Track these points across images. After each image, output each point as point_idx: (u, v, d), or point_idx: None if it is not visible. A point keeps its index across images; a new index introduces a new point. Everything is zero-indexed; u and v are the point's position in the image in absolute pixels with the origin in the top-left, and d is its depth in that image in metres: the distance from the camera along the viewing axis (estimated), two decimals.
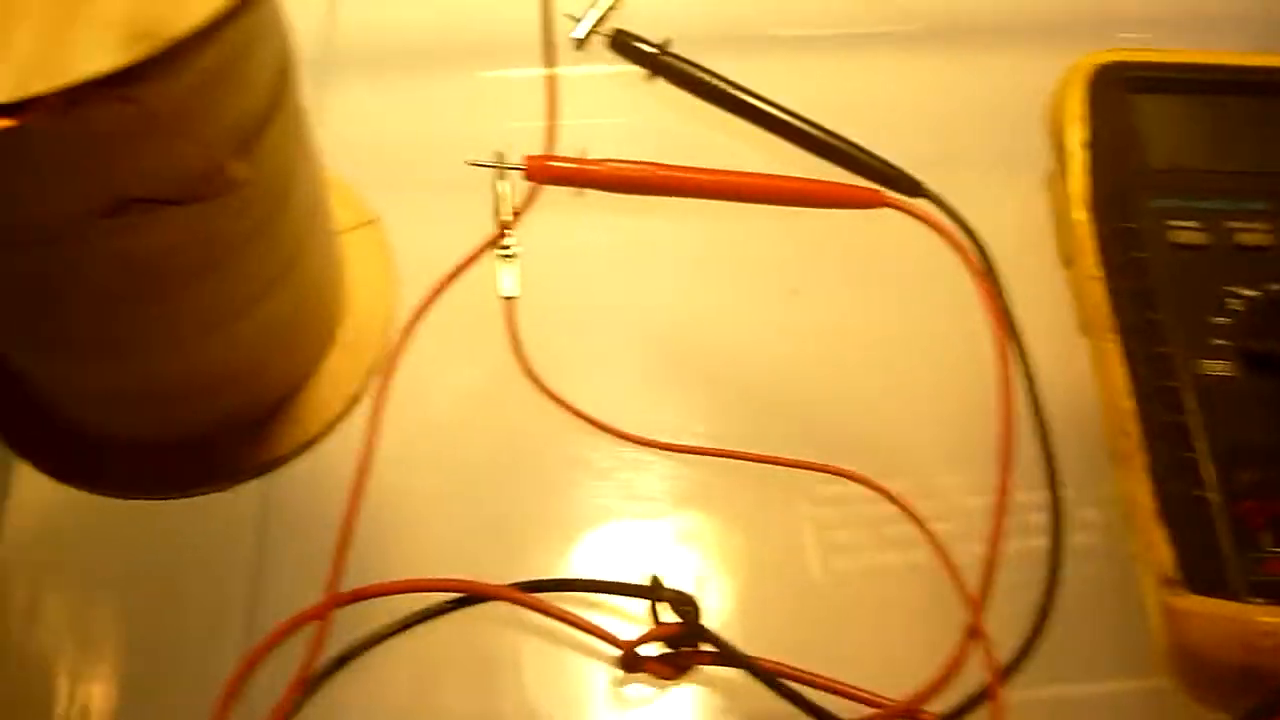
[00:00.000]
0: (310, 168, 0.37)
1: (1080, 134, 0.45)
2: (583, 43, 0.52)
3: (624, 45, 0.52)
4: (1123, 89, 0.46)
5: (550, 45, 0.47)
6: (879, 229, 0.49)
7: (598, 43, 0.52)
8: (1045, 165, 0.50)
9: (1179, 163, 0.45)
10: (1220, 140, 0.45)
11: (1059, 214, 0.47)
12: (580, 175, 0.48)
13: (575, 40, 0.52)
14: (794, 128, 0.51)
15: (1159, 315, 0.41)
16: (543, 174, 0.48)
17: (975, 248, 0.48)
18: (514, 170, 0.48)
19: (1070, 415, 0.44)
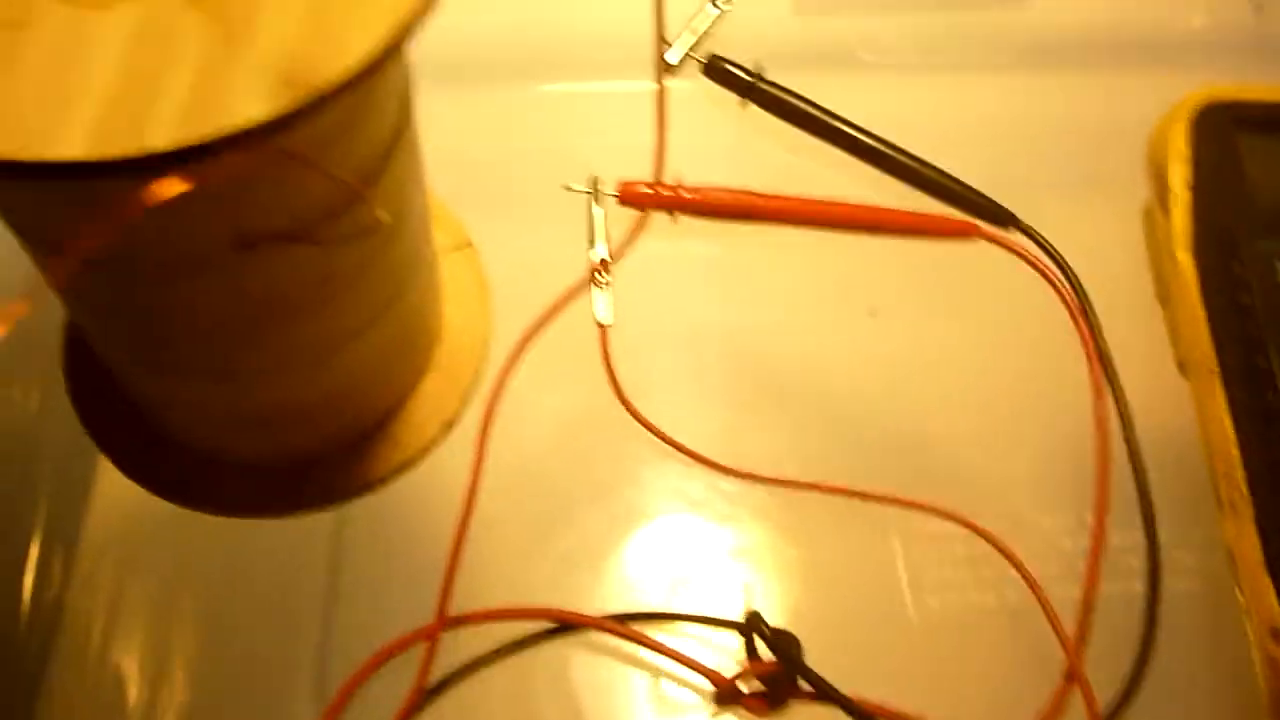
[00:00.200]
0: (421, 195, 0.38)
1: (1184, 174, 0.44)
2: (676, 67, 0.52)
3: (718, 71, 0.51)
4: (1229, 128, 0.45)
5: (654, 68, 0.46)
6: (971, 259, 0.49)
7: (691, 67, 0.52)
8: (1142, 197, 0.49)
9: None
10: None
11: (1157, 250, 0.47)
12: (675, 201, 0.48)
13: (669, 64, 0.51)
14: (886, 155, 0.50)
15: (1266, 361, 0.40)
16: (637, 200, 0.48)
17: (1069, 282, 0.48)
18: (609, 196, 0.48)
19: (1168, 456, 0.44)
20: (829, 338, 0.48)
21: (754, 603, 0.40)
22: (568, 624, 0.40)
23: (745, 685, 0.39)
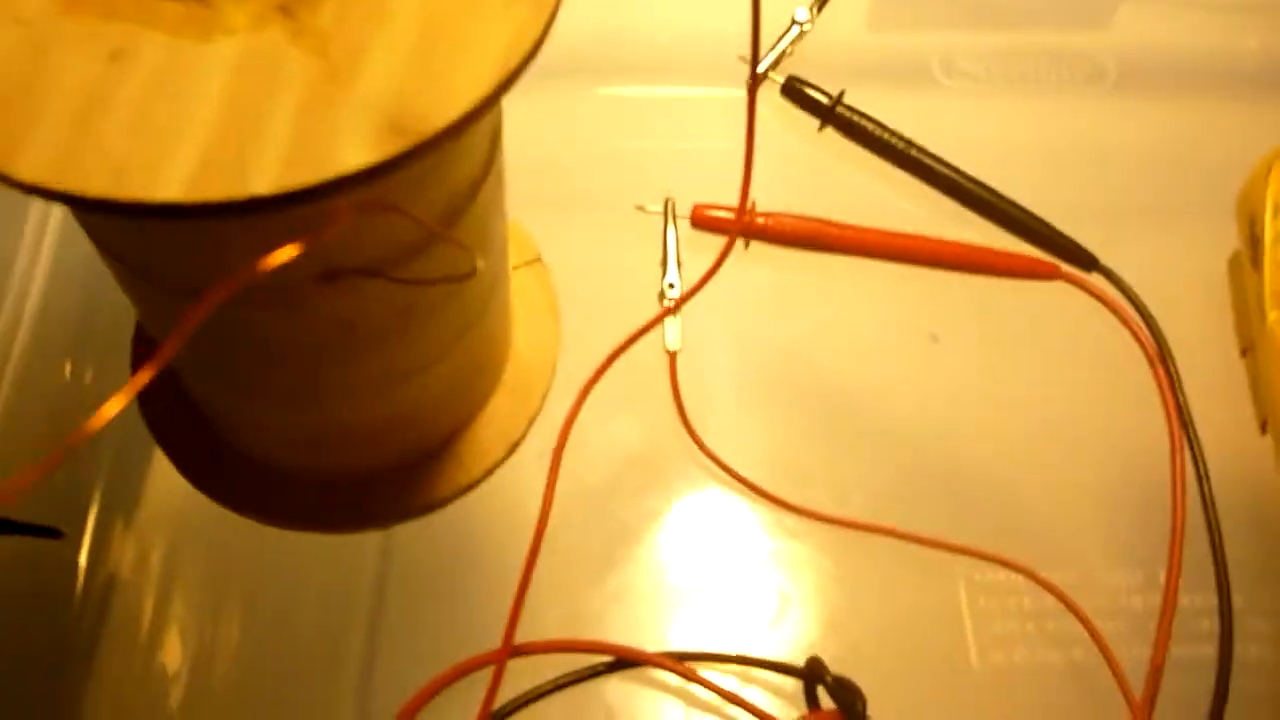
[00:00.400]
0: (502, 223, 0.37)
1: (1278, 228, 0.43)
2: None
3: (797, 93, 0.50)
4: None
5: (746, 92, 0.45)
6: (1049, 300, 0.48)
7: (769, 85, 0.51)
8: (1230, 242, 0.48)
9: None
10: None
11: (1243, 303, 0.46)
12: (749, 228, 0.47)
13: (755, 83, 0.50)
14: (965, 188, 0.49)
15: None
16: (710, 224, 0.47)
17: (1149, 330, 0.46)
18: (682, 218, 0.47)
19: (1245, 517, 0.43)
20: (897, 372, 0.47)
21: (813, 644, 0.40)
22: (627, 660, 0.39)
23: None
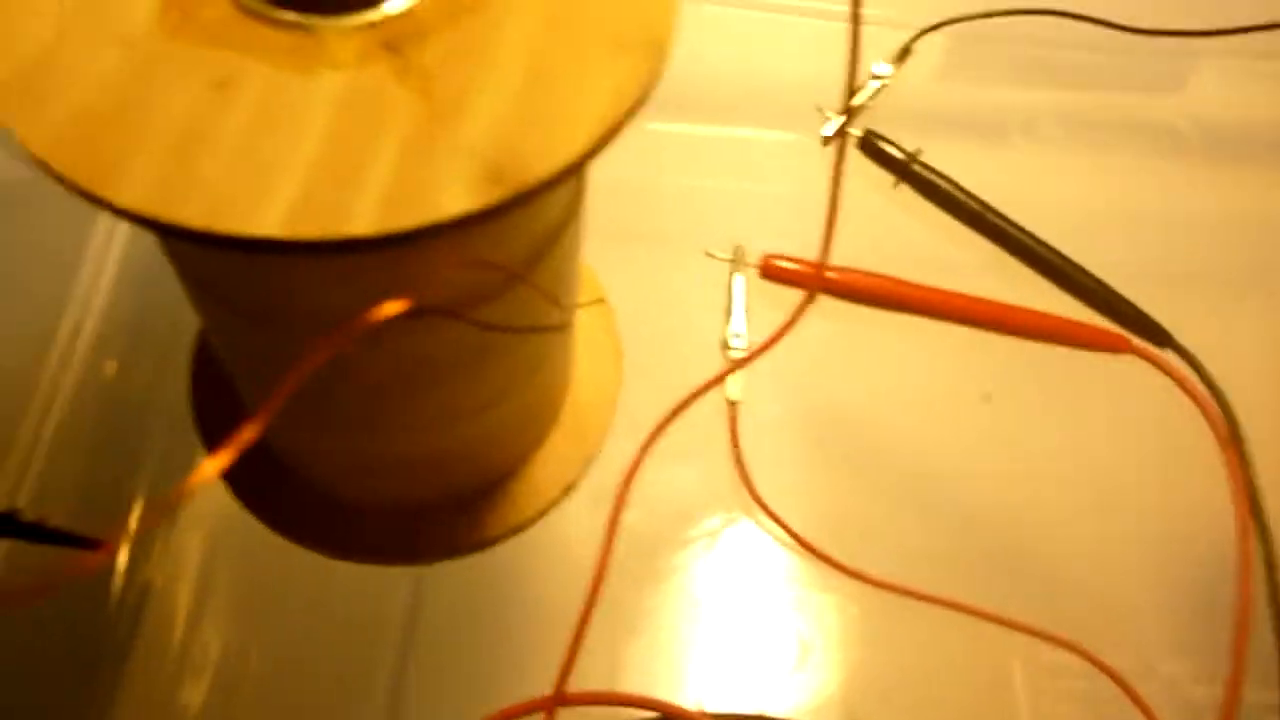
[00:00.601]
0: (578, 267, 0.37)
1: None
2: (830, 140, 0.50)
3: (873, 148, 0.50)
4: None
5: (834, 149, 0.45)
6: (1117, 372, 0.47)
7: (846, 139, 0.51)
8: None
9: None
10: None
11: None
12: (818, 282, 0.46)
13: (824, 137, 0.50)
14: (1037, 254, 0.49)
15: None
16: (779, 275, 0.47)
17: (1221, 410, 0.45)
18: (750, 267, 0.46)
19: None
20: (956, 436, 0.46)
21: (863, 714, 0.39)
22: (672, 719, 0.38)
23: None
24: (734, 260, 0.47)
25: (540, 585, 0.42)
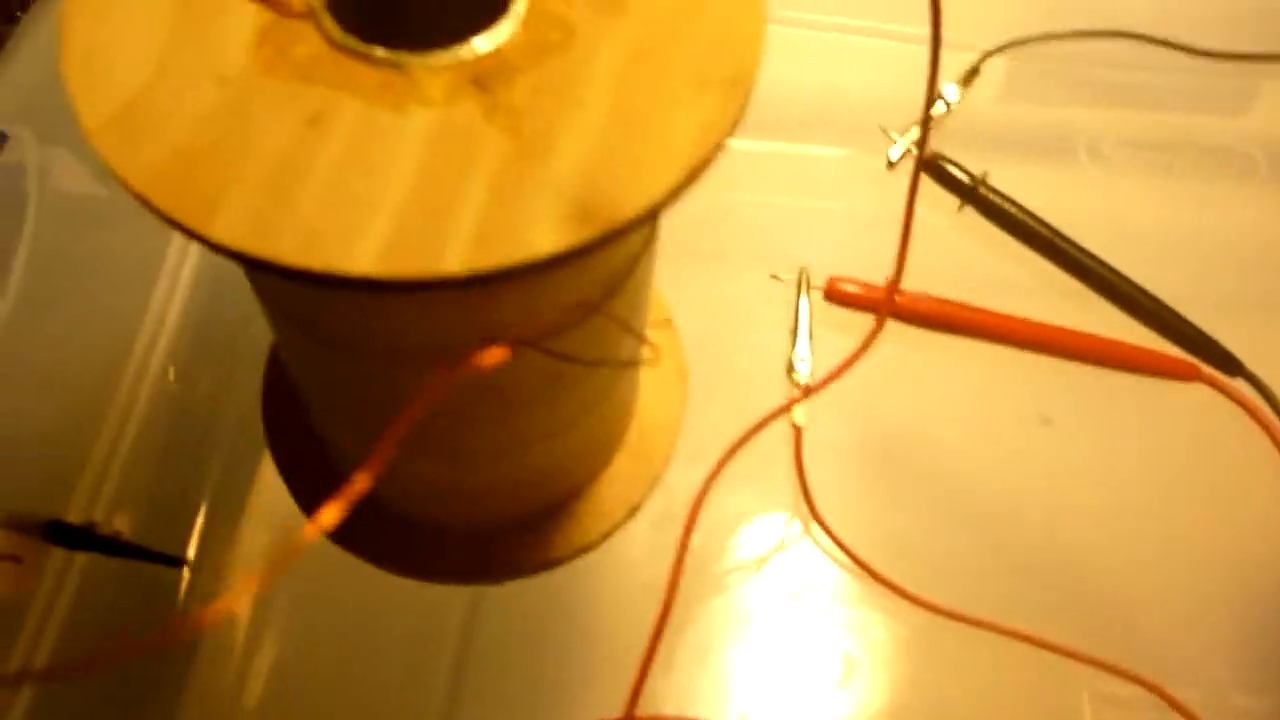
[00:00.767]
0: (650, 294, 0.37)
1: None
2: (895, 163, 0.50)
3: (939, 171, 0.50)
4: None
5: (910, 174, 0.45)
6: (1187, 400, 0.47)
7: (911, 161, 0.50)
8: None
9: None
10: None
11: None
12: (885, 306, 0.46)
13: (889, 160, 0.50)
14: (1105, 280, 0.48)
15: None
16: (844, 299, 0.47)
17: None
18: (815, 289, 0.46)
19: None
20: (1021, 462, 0.46)
21: None
22: None
23: None
24: (799, 283, 0.47)
25: (599, 606, 0.42)
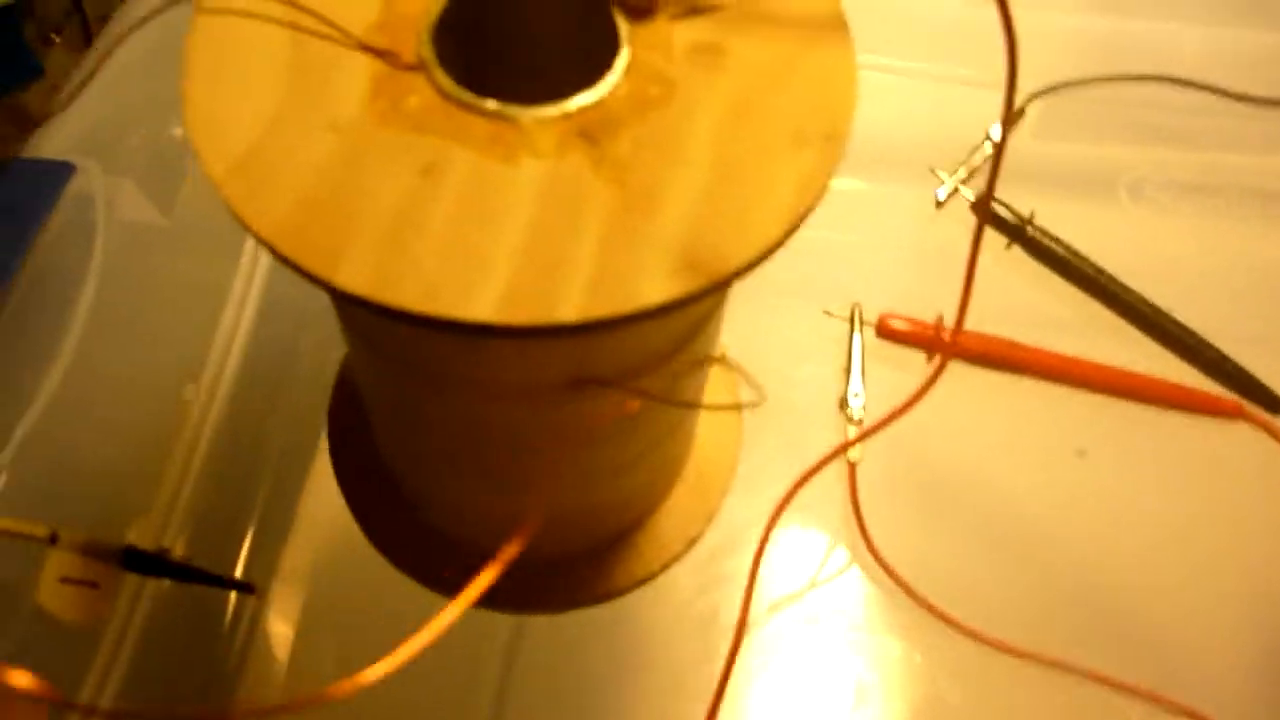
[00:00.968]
0: (719, 331, 0.38)
1: None
2: (944, 203, 0.51)
3: (988, 211, 0.51)
4: None
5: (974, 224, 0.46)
6: (1228, 438, 0.48)
7: (960, 201, 0.52)
8: None
9: None
10: None
11: None
12: (947, 348, 0.47)
13: (937, 200, 0.51)
14: (1150, 319, 0.49)
15: None
16: (895, 335, 0.48)
17: None
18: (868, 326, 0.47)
19: None
20: (1067, 498, 0.47)
21: None
22: None
23: None
24: (851, 319, 0.48)
25: (649, 638, 0.42)
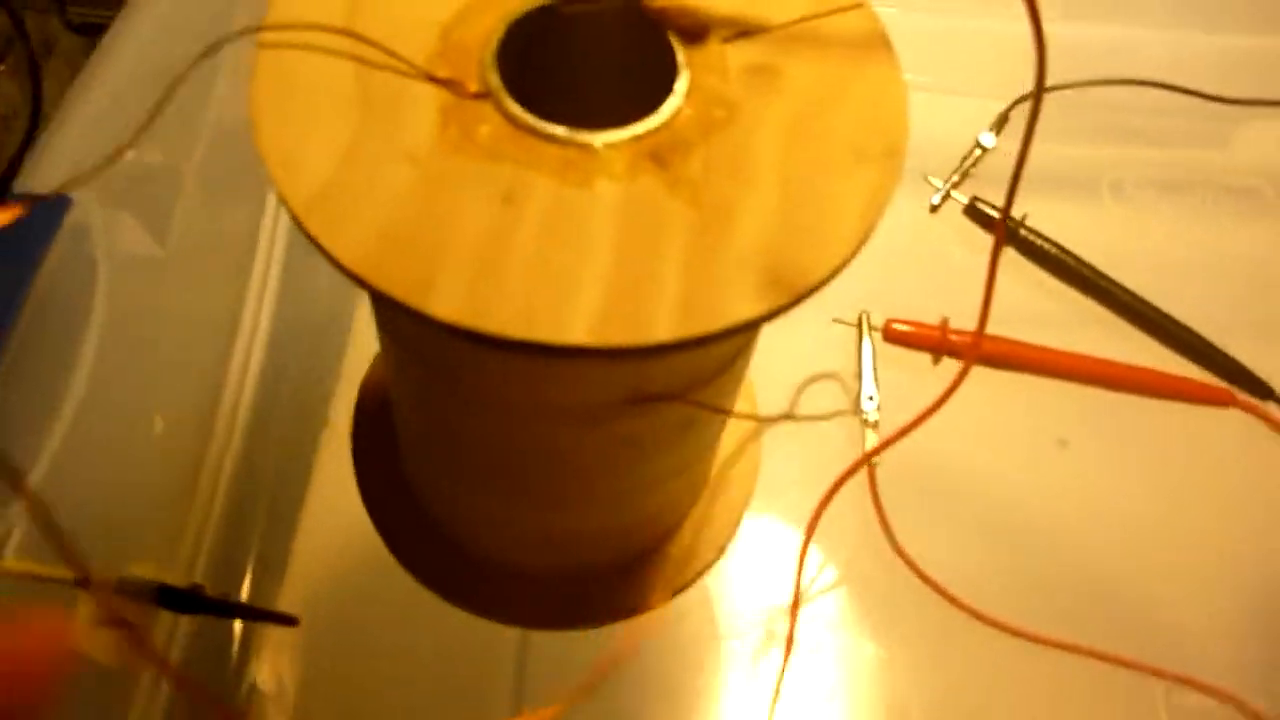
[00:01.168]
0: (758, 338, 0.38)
1: None
2: (938, 208, 0.52)
3: (979, 213, 0.52)
4: None
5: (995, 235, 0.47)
6: (1218, 426, 0.50)
7: (953, 206, 0.53)
8: None
9: None
10: None
11: None
12: (941, 345, 0.48)
13: (931, 205, 0.52)
14: (1141, 313, 0.51)
15: None
16: (901, 339, 0.49)
17: None
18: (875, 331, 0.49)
19: None
20: (1076, 490, 0.49)
21: None
22: None
23: None
24: (860, 326, 0.49)
25: (671, 647, 0.43)
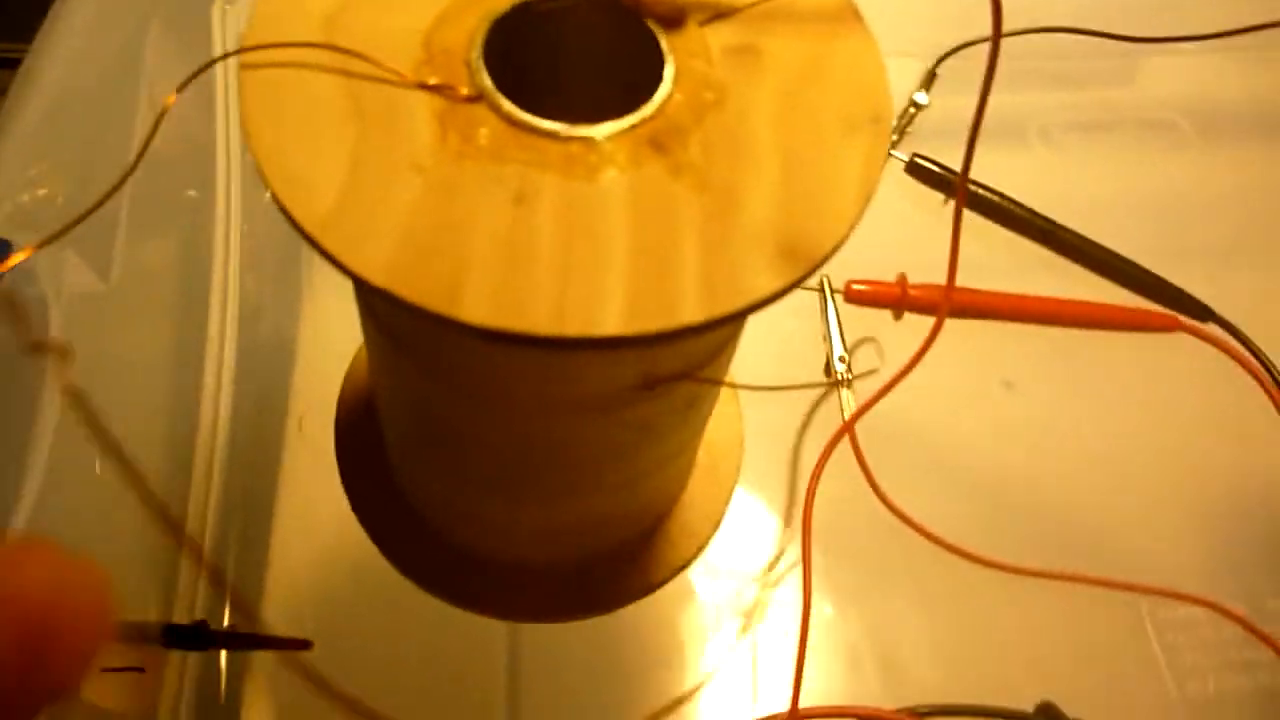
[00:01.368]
0: None
1: None
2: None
3: (921, 170, 0.54)
4: None
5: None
6: (1170, 350, 0.52)
7: (893, 164, 0.54)
8: None
9: None
10: None
11: None
12: (900, 300, 0.50)
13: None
14: (1084, 250, 0.53)
15: None
16: (861, 298, 0.50)
17: (1271, 376, 0.50)
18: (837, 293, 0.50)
19: None
20: (1044, 423, 0.50)
21: (1025, 691, 0.42)
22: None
23: None
24: (822, 290, 0.50)
25: (663, 627, 0.44)
